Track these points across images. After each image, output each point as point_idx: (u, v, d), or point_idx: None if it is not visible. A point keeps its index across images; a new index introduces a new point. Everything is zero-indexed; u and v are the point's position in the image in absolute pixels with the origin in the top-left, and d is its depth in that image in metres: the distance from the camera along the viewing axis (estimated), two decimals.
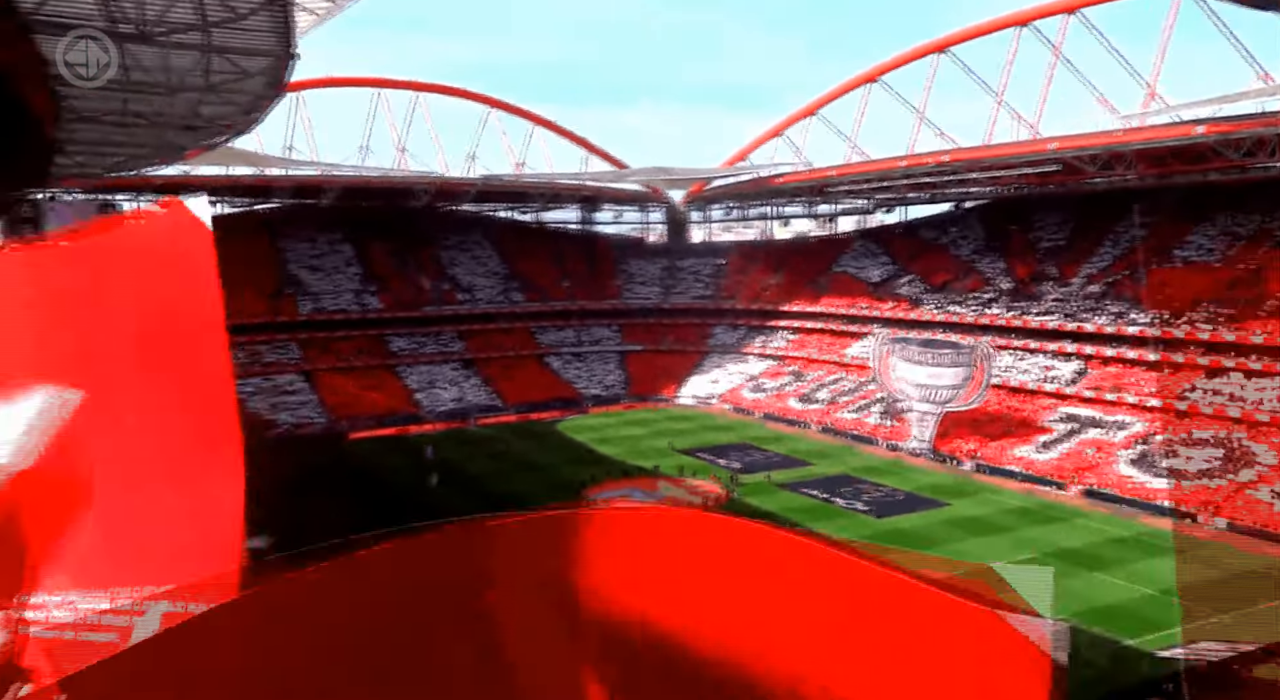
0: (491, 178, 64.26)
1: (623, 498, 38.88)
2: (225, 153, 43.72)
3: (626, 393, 64.76)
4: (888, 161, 54.81)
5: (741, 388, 62.59)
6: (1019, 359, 50.93)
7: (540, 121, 70.24)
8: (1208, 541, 33.10)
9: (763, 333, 67.74)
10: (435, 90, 66.77)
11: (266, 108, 29.37)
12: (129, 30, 20.13)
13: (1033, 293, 53.20)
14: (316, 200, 62.18)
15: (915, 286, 60.29)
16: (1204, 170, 44.74)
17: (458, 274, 69.54)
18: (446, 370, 63.24)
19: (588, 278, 73.05)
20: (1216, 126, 38.09)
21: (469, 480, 42.42)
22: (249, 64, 23.91)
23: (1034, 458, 42.46)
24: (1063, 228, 57.53)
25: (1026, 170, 49.65)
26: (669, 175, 66.63)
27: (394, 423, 55.50)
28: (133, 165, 39.78)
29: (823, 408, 55.40)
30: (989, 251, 59.71)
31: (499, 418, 58.38)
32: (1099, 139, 43.63)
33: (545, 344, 68.18)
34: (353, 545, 1.68)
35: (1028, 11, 50.02)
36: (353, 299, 63.88)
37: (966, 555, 31.36)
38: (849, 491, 39.89)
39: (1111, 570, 29.77)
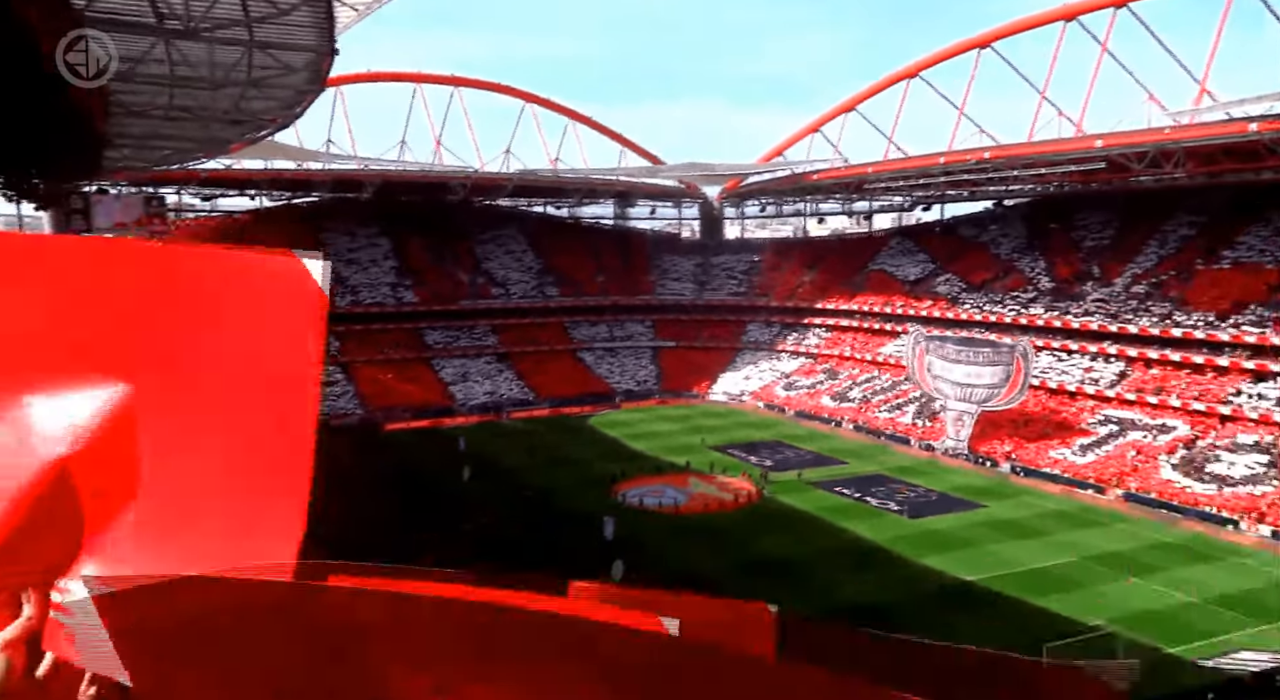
0: (527, 173, 64.57)
1: (653, 493, 38.92)
2: (267, 146, 44.43)
3: (659, 388, 64.76)
4: (927, 158, 54.05)
5: (774, 385, 62.25)
6: (1059, 360, 50.01)
7: (576, 116, 70.39)
8: (1251, 549, 32.27)
9: (796, 330, 67.29)
10: (473, 85, 67.21)
11: (307, 102, 29.79)
12: (176, 26, 20.53)
13: (1074, 293, 52.18)
14: (355, 194, 62.98)
15: (953, 285, 59.47)
16: (1256, 169, 43.48)
17: (492, 268, 70.01)
18: (480, 364, 63.74)
19: (622, 273, 73.11)
20: (1271, 124, 36.95)
21: (501, 473, 42.72)
22: (291, 59, 24.27)
23: (1073, 460, 41.69)
24: (1107, 227, 56.32)
25: (1070, 168, 48.64)
26: (704, 171, 66.42)
27: (428, 415, 56.08)
28: (178, 158, 40.62)
29: (856, 406, 54.91)
30: (1030, 250, 58.68)
31: (531, 411, 58.71)
32: (1147, 136, 42.59)
33: (578, 339, 68.40)
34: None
35: (1074, 6, 48.98)
36: (389, 292, 64.61)
37: (1005, 558, 30.94)
38: (882, 491, 39.51)
39: (1151, 576, 29.15)
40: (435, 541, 30.65)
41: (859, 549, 31.95)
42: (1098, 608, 26.09)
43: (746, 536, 33.35)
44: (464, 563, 30.33)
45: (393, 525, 32.42)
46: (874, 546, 32.09)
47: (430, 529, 32.64)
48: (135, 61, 21.79)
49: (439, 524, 33.67)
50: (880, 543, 32.47)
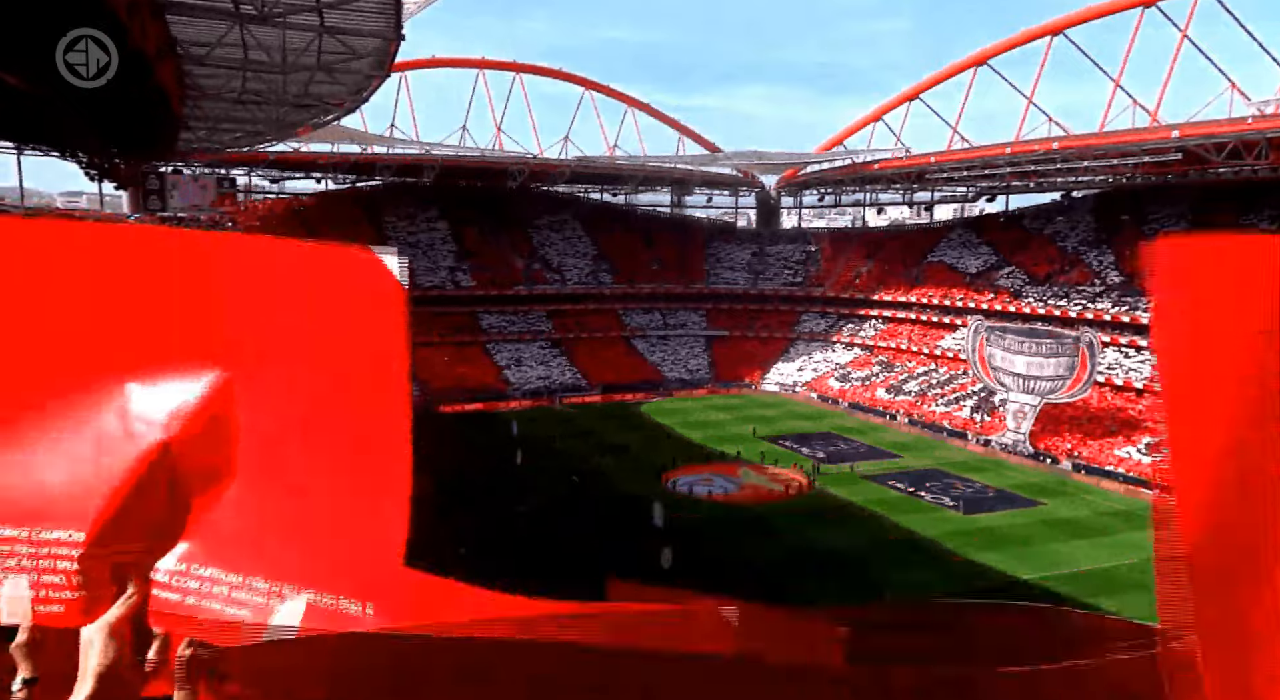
0: (585, 159, 64.84)
1: (703, 481, 38.97)
2: (333, 130, 45.47)
3: (711, 377, 64.65)
4: (992, 148, 52.72)
5: (828, 376, 61.63)
6: (1126, 356, 48.48)
7: (634, 103, 70.37)
8: None
9: (852, 321, 66.44)
10: (533, 71, 67.66)
11: (373, 87, 30.39)
12: (250, 11, 21.13)
13: (1144, 287, 50.44)
14: (417, 179, 64.01)
15: (1016, 278, 58.03)
16: None
17: (548, 254, 70.54)
18: (534, 349, 64.39)
19: (676, 261, 73.03)
20: None
21: (554, 457, 43.19)
22: (359, 44, 24.78)
23: (1139, 459, 40.46)
24: (1179, 220, 54.23)
25: (1144, 159, 46.98)
26: (763, 159, 65.89)
27: (482, 398, 56.91)
28: (249, 141, 41.80)
29: (912, 399, 54.06)
30: (1098, 243, 56.89)
31: (584, 398, 59.15)
32: (1228, 126, 40.87)
33: (632, 326, 68.60)
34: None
35: None
36: (447, 276, 65.60)
37: (1062, 557, 30.27)
38: (936, 486, 38.92)
39: None
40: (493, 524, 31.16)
41: (910, 544, 31.55)
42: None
43: (796, 528, 33.19)
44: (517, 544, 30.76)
45: (446, 507, 33.07)
46: (925, 542, 31.67)
47: (488, 510, 33.22)
48: (211, 45, 22.51)
49: (492, 505, 34.25)
50: (932, 537, 32.01)
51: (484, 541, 27.26)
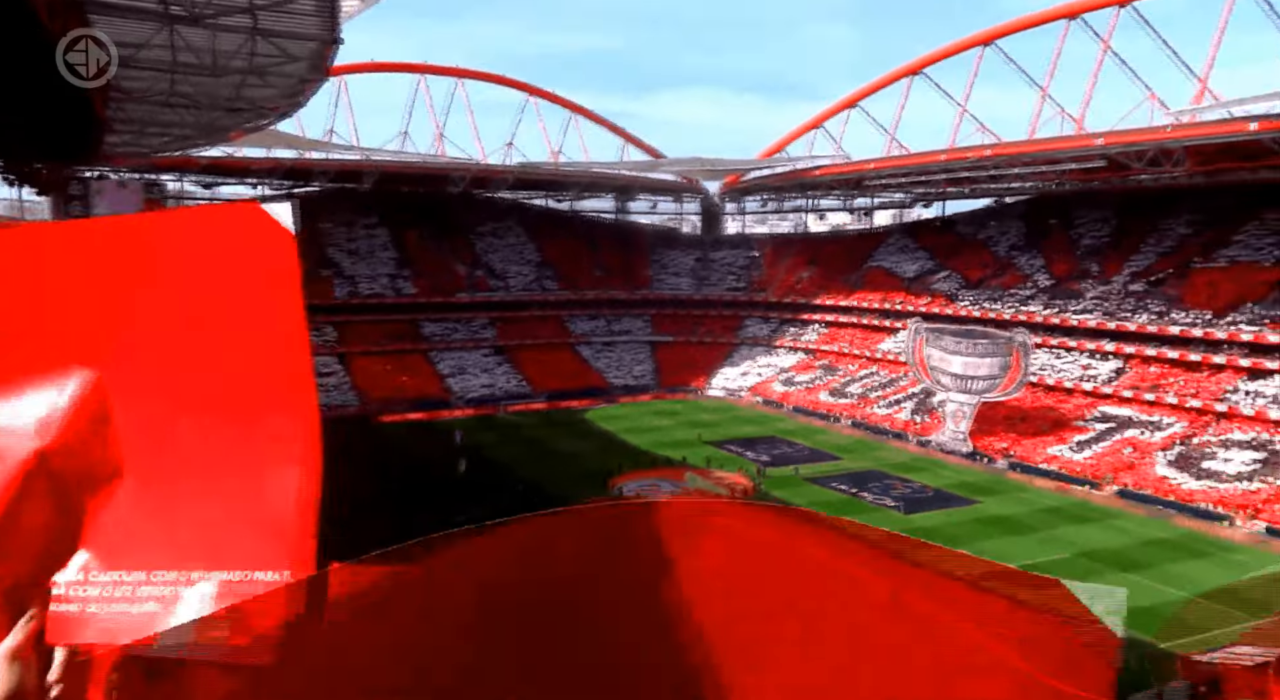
0: (528, 166, 64.56)
1: (650, 487, 39.03)
2: (268, 135, 44.39)
3: (656, 383, 64.83)
4: (928, 155, 54.10)
5: (772, 381, 62.35)
6: (1056, 357, 50.13)
7: (578, 110, 70.36)
8: (1243, 545, 32.44)
9: (794, 326, 67.38)
10: (475, 77, 67.16)
11: (310, 91, 29.77)
12: (180, 12, 20.52)
13: (1072, 290, 52.29)
14: (356, 185, 62.88)
15: (952, 282, 59.56)
16: (1255, 168, 43.60)
17: (491, 261, 69.98)
18: (478, 356, 63.76)
19: (620, 267, 73.13)
20: (1271, 123, 37.04)
21: (497, 466, 42.79)
22: (294, 48, 24.24)
23: (1069, 457, 41.84)
24: (1105, 225, 56.42)
25: (1071, 166, 48.72)
26: (706, 166, 66.44)
27: (424, 407, 56.09)
28: (178, 145, 40.55)
29: (854, 402, 55.03)
30: (1028, 248, 58.76)
31: (528, 405, 58.75)
32: (1148, 135, 42.67)
33: (577, 333, 68.43)
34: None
35: (1077, 4, 49.03)
36: (387, 283, 64.58)
37: (996, 554, 31.01)
38: (878, 487, 39.63)
39: (1145, 572, 29.30)
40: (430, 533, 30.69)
41: None
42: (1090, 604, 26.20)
43: None
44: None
45: (387, 516, 32.48)
46: None
47: (426, 520, 32.69)
48: (137, 47, 21.78)
49: (435, 516, 33.74)
50: None
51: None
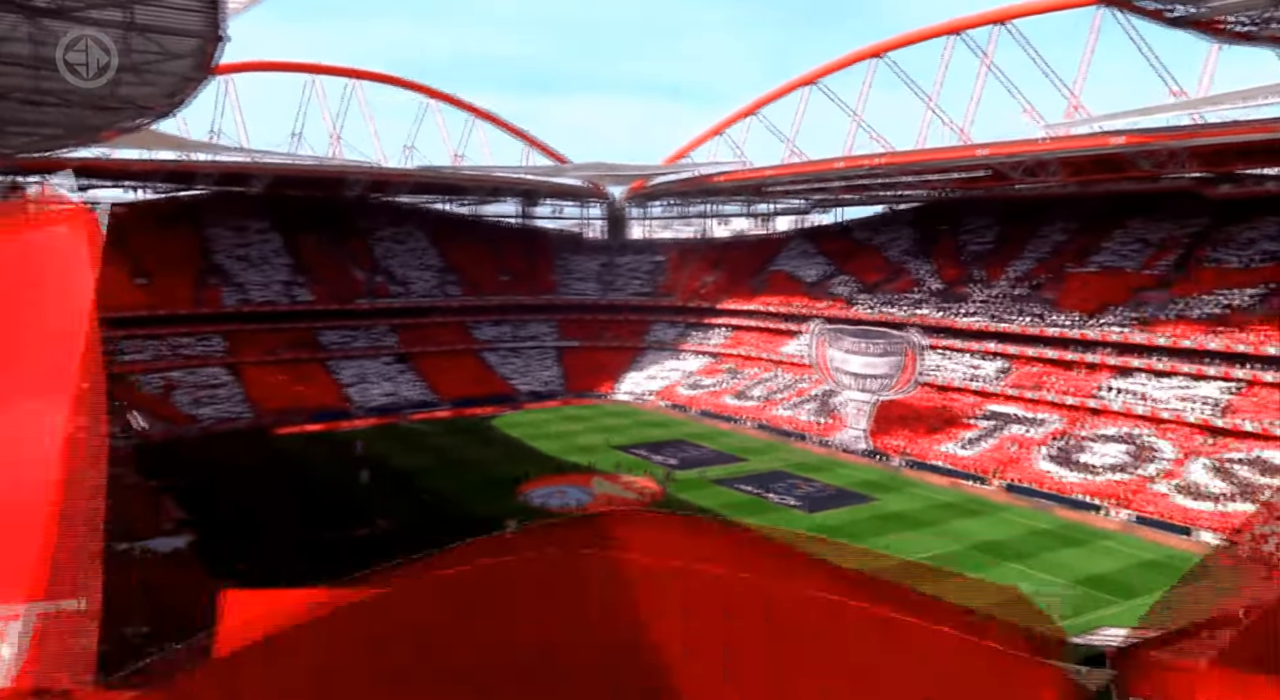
0: (428, 169, 63.24)
1: (558, 494, 38.78)
2: (146, 136, 41.96)
3: (563, 389, 64.54)
4: (824, 163, 55.76)
5: (678, 384, 62.98)
6: (946, 358, 52.44)
7: (480, 113, 69.40)
8: (1115, 533, 34.66)
9: (700, 330, 68.28)
10: (372, 78, 65.39)
11: (192, 91, 28.33)
12: (42, 4, 19.16)
13: (960, 294, 54.82)
14: (244, 188, 60.21)
15: (849, 286, 61.54)
16: (1119, 179, 46.72)
17: (392, 266, 68.25)
18: (379, 365, 62.05)
19: (526, 272, 72.53)
20: (1133, 138, 39.80)
21: (401, 476, 41.72)
22: (174, 45, 22.99)
23: (959, 454, 43.80)
24: (989, 232, 59.42)
25: (956, 175, 51.07)
26: (610, 171, 66.62)
27: (324, 418, 54.20)
28: (45, 146, 37.87)
29: (758, 404, 56.14)
30: (919, 254, 61.30)
31: (433, 413, 57.55)
32: (1025, 146, 45.16)
33: (482, 339, 67.46)
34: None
35: (959, 20, 51.45)
36: (282, 290, 62.11)
37: (895, 548, 32.20)
38: (782, 487, 40.53)
39: (1029, 561, 30.94)
40: (329, 548, 29.68)
41: None
42: (979, 595, 27.47)
43: None
44: (359, 569, 29.37)
45: (283, 532, 31.19)
46: None
47: (325, 535, 31.57)
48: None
49: (334, 530, 32.61)
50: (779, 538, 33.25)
51: (317, 568, 25.83)
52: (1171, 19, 16.91)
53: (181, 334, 56.29)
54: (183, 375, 54.30)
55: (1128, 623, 25.44)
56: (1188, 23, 17.10)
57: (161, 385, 52.49)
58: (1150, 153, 40.42)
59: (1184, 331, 42.22)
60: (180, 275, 58.69)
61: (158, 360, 54.21)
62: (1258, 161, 40.75)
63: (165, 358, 54.73)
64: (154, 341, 54.69)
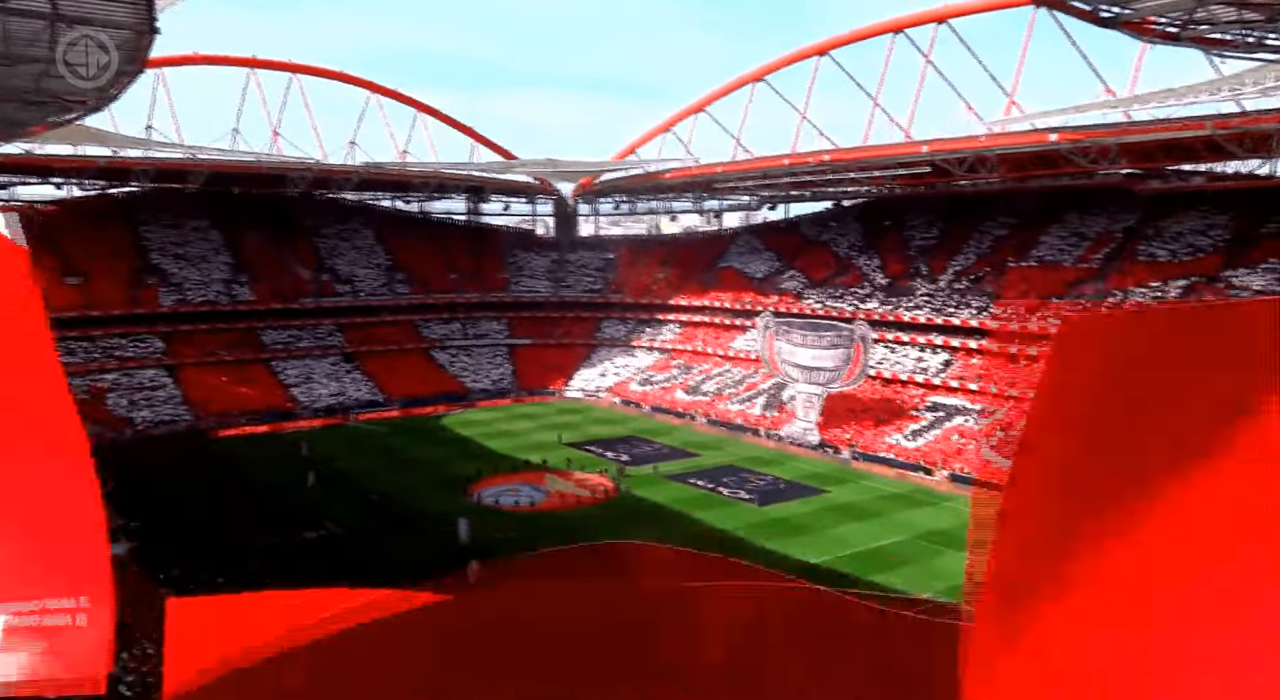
0: (373, 166, 62.16)
1: (510, 492, 38.54)
2: (76, 131, 40.46)
3: (514, 387, 64.13)
4: (772, 159, 56.25)
5: (630, 381, 63.05)
6: (892, 351, 53.42)
7: (425, 109, 68.43)
8: None
9: (651, 326, 68.42)
10: (313, 73, 63.97)
11: (123, 84, 27.36)
12: None
13: (905, 288, 55.87)
14: (182, 185, 58.44)
15: (798, 281, 62.26)
16: (1057, 175, 48.07)
17: (337, 265, 66.98)
18: (325, 364, 60.88)
19: (475, 270, 71.82)
20: (1067, 135, 40.99)
21: (349, 478, 41.02)
22: (103, 36, 22.19)
23: (905, 445, 44.68)
24: (932, 227, 60.66)
25: (900, 171, 52.00)
26: (558, 168, 66.24)
27: (267, 420, 53.02)
28: None
29: (709, 400, 56.49)
30: (865, 249, 62.30)
31: (381, 413, 56.70)
32: (965, 143, 46.18)
33: (431, 337, 66.63)
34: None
35: (901, 19, 52.32)
36: (222, 290, 60.51)
37: (844, 540, 32.75)
38: (733, 481, 40.86)
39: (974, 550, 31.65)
40: (275, 552, 29.06)
41: (712, 538, 32.86)
42: (928, 581, 28.10)
43: (604, 532, 33.54)
44: (308, 573, 28.94)
45: (227, 537, 30.44)
46: (727, 535, 33.13)
47: (269, 539, 30.90)
48: None
49: (279, 534, 31.94)
50: (732, 531, 33.56)
51: (264, 572, 25.28)
52: (1103, 19, 17.44)
53: (116, 335, 54.47)
54: (117, 378, 52.58)
55: None
56: (1118, 23, 17.65)
57: (95, 389, 50.76)
58: (1083, 149, 41.67)
59: None
60: (114, 274, 56.76)
61: (90, 363, 52.34)
62: (1183, 158, 42.26)
63: (99, 360, 52.90)
64: (86, 343, 52.79)
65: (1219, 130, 35.54)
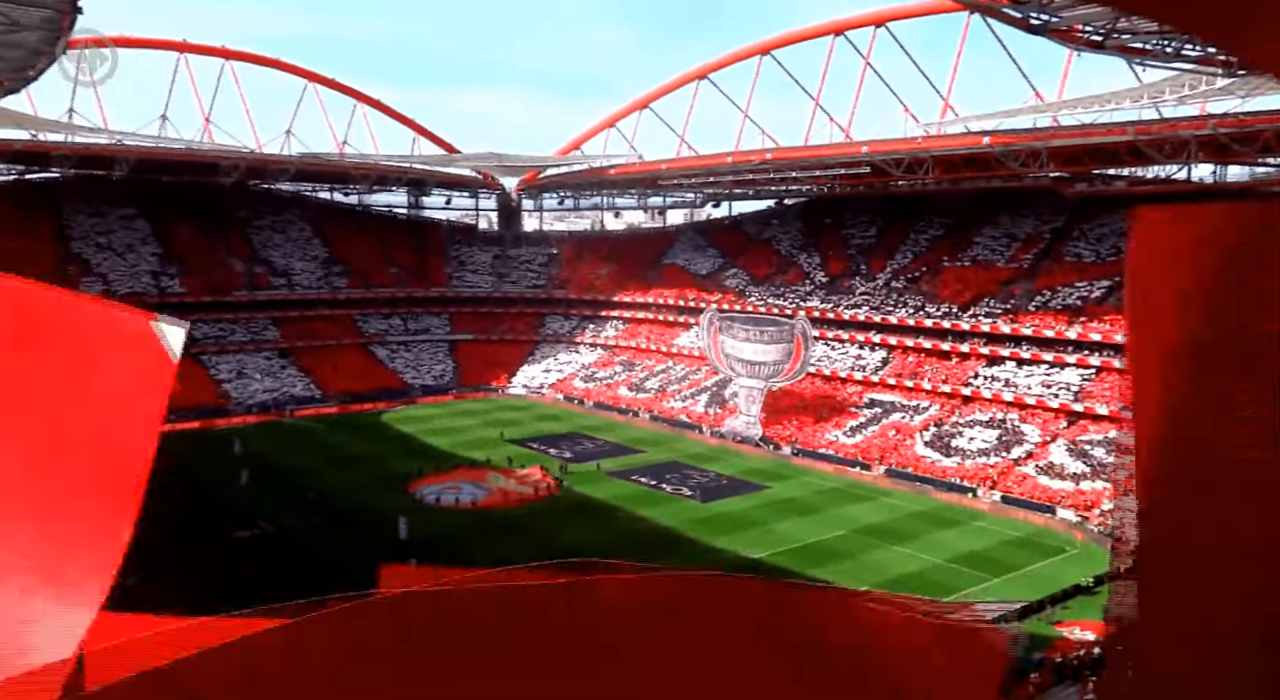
0: (310, 156, 60.70)
1: (452, 489, 38.10)
2: None
3: (457, 383, 63.39)
4: (715, 157, 56.64)
5: (573, 377, 62.88)
6: (832, 349, 54.33)
7: (366, 100, 67.11)
8: (985, 513, 36.82)
9: (594, 322, 68.31)
10: (248, 59, 62.16)
11: (43, 65, 26.24)
12: None
13: (845, 287, 56.86)
14: (106, 172, 56.20)
15: (740, 279, 62.85)
16: (989, 177, 49.45)
17: (272, 257, 65.27)
18: (259, 359, 59.29)
19: (416, 264, 70.73)
20: (999, 138, 42.20)
21: (285, 475, 40.06)
22: (21, 15, 21.22)
23: (843, 441, 45.50)
24: (871, 226, 61.86)
25: (840, 171, 52.86)
26: (502, 162, 65.61)
27: (199, 416, 51.40)
28: None
29: (652, 396, 56.68)
30: (806, 247, 63.21)
31: (319, 409, 55.48)
32: (903, 145, 47.17)
33: (370, 332, 65.41)
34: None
35: (841, 21, 53.16)
36: (150, 281, 58.43)
37: (785, 535, 33.22)
38: (676, 478, 41.08)
39: (909, 543, 32.49)
40: (204, 552, 28.24)
41: (656, 535, 33.05)
42: (865, 575, 28.71)
43: (547, 529, 33.48)
44: (240, 573, 28.23)
45: (155, 538, 29.44)
46: (669, 532, 33.32)
47: (198, 538, 30.00)
48: None
49: (209, 533, 31.03)
50: (674, 528, 33.76)
51: (194, 573, 24.53)
52: (1033, 26, 18.00)
53: None
54: None
55: (997, 596, 27.12)
56: (1047, 30, 18.23)
57: None
58: (1014, 153, 42.94)
59: (1046, 322, 45.16)
60: (33, 264, 54.14)
61: None
62: (1107, 162, 43.89)
63: None
64: None
65: (1140, 136, 36.98)
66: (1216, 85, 28.98)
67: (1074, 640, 22.44)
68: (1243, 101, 32.60)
